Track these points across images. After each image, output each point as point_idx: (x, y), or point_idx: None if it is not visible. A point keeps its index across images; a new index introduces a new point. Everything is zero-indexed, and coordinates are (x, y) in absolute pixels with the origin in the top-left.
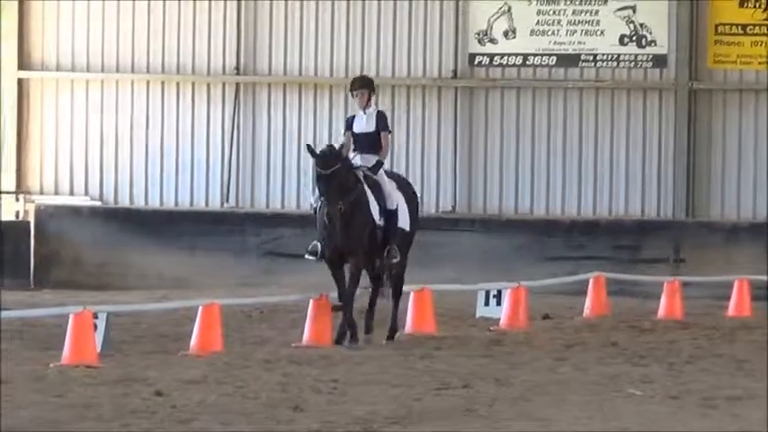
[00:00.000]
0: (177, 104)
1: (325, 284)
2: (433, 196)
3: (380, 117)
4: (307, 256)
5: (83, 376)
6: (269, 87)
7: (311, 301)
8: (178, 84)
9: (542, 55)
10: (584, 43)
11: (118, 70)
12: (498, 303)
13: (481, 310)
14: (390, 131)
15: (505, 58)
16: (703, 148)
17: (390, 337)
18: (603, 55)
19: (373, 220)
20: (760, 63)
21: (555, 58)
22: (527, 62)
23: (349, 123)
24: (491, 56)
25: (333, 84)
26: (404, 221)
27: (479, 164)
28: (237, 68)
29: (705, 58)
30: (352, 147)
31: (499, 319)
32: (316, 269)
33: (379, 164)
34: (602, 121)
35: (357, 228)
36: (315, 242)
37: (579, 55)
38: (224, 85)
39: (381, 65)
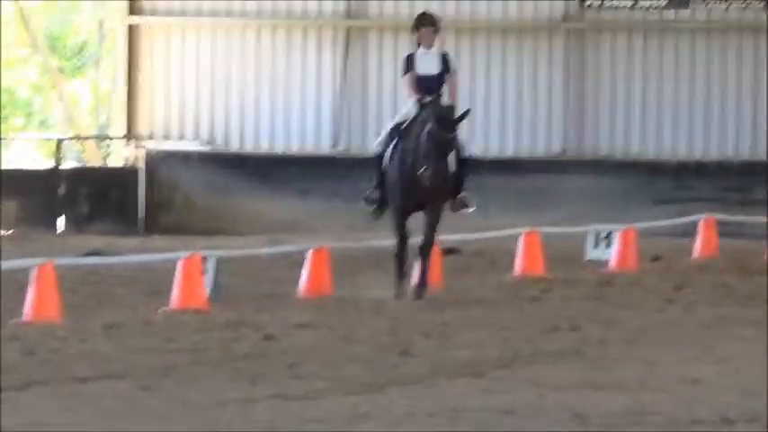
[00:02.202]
0: (287, 49)
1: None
2: (542, 139)
3: (446, 58)
4: (366, 205)
5: (192, 321)
6: (379, 31)
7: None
8: (288, 28)
9: None
10: None
11: (228, 15)
12: (608, 245)
13: (591, 253)
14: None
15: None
16: None
17: (419, 295)
18: None
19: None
20: None
21: None
22: (637, 4)
23: (410, 63)
24: None
25: (460, 27)
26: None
27: (589, 106)
28: (348, 12)
29: None
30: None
31: (608, 261)
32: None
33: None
34: (712, 64)
35: (441, 179)
36: (374, 190)
37: None
38: (334, 28)
39: (491, 8)
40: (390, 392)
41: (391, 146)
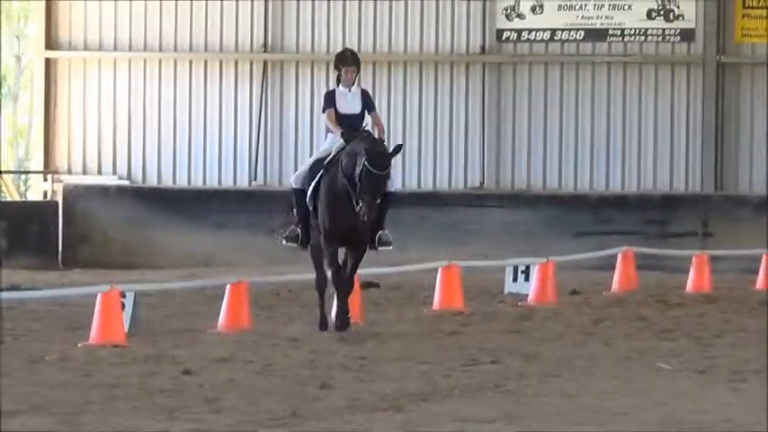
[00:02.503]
0: (205, 83)
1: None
2: (461, 172)
3: (367, 96)
4: (286, 243)
5: (111, 355)
6: (296, 65)
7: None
8: (206, 62)
9: (570, 30)
10: (612, 18)
11: (145, 49)
12: (527, 279)
13: (509, 286)
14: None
15: (533, 33)
16: (731, 122)
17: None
18: (631, 29)
19: None
20: None
21: (582, 32)
22: (555, 37)
23: (331, 100)
24: (519, 31)
25: (363, 61)
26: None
27: (507, 140)
28: (265, 46)
29: (733, 32)
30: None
31: (527, 295)
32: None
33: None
34: (630, 96)
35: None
36: (295, 228)
37: (607, 30)
38: (251, 62)
39: (409, 41)
40: (309, 426)
41: (314, 181)
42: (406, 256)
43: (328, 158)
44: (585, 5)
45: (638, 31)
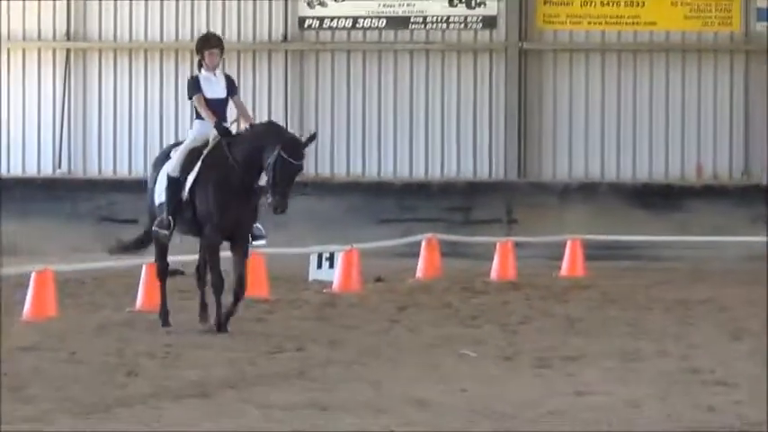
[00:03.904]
0: (8, 71)
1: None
2: None
3: (231, 81)
4: (160, 230)
5: None
6: (99, 53)
7: (144, 267)
8: (9, 50)
9: (372, 17)
10: (414, 5)
11: None
12: (331, 266)
13: (314, 274)
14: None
15: (335, 21)
16: (534, 109)
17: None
18: (433, 17)
19: None
20: (590, 23)
21: (385, 20)
22: (357, 25)
23: (196, 85)
24: (321, 19)
25: (163, 48)
26: None
27: (310, 126)
28: (68, 34)
29: (535, 19)
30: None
31: (332, 282)
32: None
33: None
34: (433, 84)
35: (255, 210)
36: (166, 216)
37: (409, 17)
38: (54, 51)
39: (211, 29)
40: (116, 414)
41: (195, 171)
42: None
43: (208, 147)
44: None
45: (440, 18)
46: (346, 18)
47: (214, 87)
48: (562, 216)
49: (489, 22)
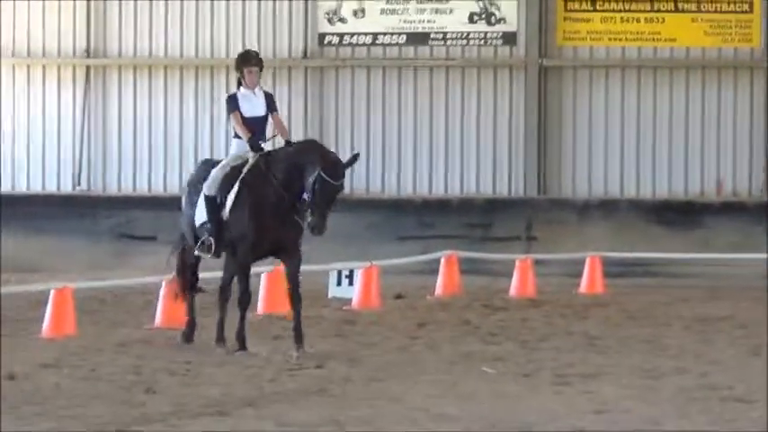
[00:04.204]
0: (28, 87)
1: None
2: None
3: (270, 98)
4: (200, 253)
5: None
6: (119, 69)
7: (163, 284)
8: (29, 66)
9: (392, 34)
10: (434, 21)
11: None
12: (350, 283)
13: (333, 291)
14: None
15: (355, 37)
16: (554, 126)
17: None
18: (453, 33)
19: None
20: (610, 39)
21: (405, 36)
22: (377, 41)
23: (234, 103)
24: (341, 35)
25: (183, 65)
26: None
27: (330, 143)
28: (87, 51)
29: (555, 35)
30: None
31: (351, 299)
32: (167, 251)
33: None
34: (453, 100)
35: (299, 225)
36: (207, 237)
37: (429, 33)
38: (74, 67)
39: (231, 46)
40: (135, 431)
41: (234, 192)
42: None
43: (248, 166)
44: (407, 9)
45: (460, 34)
46: (366, 34)
47: (253, 105)
48: (582, 233)
49: (509, 39)
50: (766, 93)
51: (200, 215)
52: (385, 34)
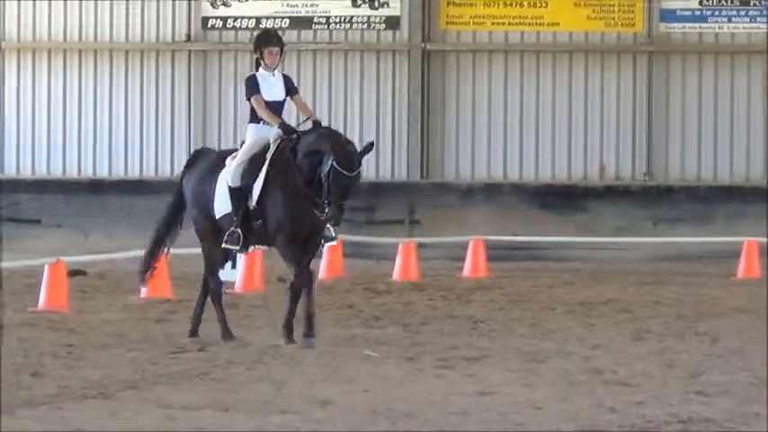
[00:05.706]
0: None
1: (59, 251)
2: (167, 160)
3: (290, 81)
4: (229, 246)
5: None
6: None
7: (47, 267)
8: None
9: (275, 18)
10: (317, 5)
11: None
12: (234, 267)
13: None
14: None
15: (239, 21)
16: (438, 110)
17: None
18: (336, 17)
19: None
20: (493, 24)
21: (288, 20)
22: (260, 25)
23: (254, 85)
24: (224, 19)
25: (67, 48)
26: None
27: (213, 127)
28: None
29: (438, 20)
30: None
31: (235, 283)
32: (51, 234)
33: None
34: (336, 84)
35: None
36: (235, 230)
37: (312, 17)
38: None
39: (115, 30)
40: (21, 414)
41: (261, 178)
42: (114, 244)
43: (271, 152)
44: None
45: (343, 18)
46: (249, 18)
47: (272, 88)
48: (465, 217)
49: (392, 23)
50: (648, 77)
51: (220, 207)
52: (268, 18)
